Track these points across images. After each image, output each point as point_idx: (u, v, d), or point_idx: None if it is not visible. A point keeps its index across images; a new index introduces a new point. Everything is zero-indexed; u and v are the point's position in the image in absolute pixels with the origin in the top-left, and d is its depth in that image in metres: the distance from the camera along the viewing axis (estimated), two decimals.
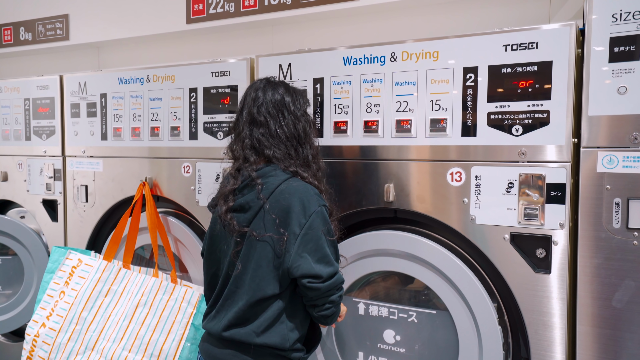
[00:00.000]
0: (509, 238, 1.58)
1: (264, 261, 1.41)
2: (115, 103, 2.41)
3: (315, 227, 1.39)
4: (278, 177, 1.45)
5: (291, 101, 1.52)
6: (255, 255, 1.42)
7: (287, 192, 1.42)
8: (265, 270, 1.41)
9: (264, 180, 1.45)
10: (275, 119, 1.49)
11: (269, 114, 1.49)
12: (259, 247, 1.42)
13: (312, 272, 1.36)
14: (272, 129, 1.48)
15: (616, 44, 1.42)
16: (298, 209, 1.39)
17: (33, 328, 2.07)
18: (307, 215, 1.39)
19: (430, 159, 1.70)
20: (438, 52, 1.67)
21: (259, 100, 1.51)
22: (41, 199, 2.67)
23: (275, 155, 1.47)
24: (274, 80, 1.58)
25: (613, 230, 1.45)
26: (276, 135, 1.48)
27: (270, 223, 1.41)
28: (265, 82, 1.56)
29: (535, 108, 1.53)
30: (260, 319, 1.42)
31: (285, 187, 1.43)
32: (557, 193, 1.51)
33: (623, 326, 1.45)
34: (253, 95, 1.53)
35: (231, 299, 1.46)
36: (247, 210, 1.46)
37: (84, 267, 2.15)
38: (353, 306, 1.89)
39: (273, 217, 1.40)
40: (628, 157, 1.42)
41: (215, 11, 2.64)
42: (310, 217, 1.39)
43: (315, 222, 1.39)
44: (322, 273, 1.37)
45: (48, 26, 3.25)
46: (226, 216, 1.47)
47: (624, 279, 1.44)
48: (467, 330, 1.65)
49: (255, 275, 1.42)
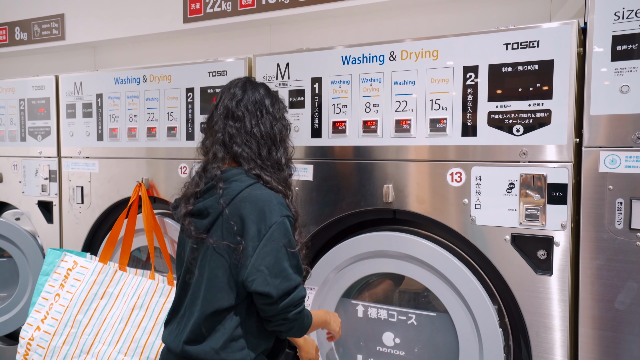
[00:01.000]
0: (509, 239, 1.56)
1: (220, 271, 1.34)
2: (112, 103, 2.39)
3: (275, 239, 1.30)
4: (241, 183, 1.37)
5: (270, 103, 1.48)
6: (212, 264, 1.35)
7: (248, 199, 1.34)
8: (222, 281, 1.33)
9: (227, 185, 1.37)
10: (252, 115, 1.43)
11: (247, 110, 1.43)
12: (215, 256, 1.35)
13: (265, 289, 1.26)
14: (248, 125, 1.42)
15: (618, 42, 1.40)
16: (258, 219, 1.31)
17: (27, 331, 2.04)
18: (268, 226, 1.30)
19: (430, 159, 1.68)
20: (438, 51, 1.65)
21: (237, 96, 1.45)
22: (36, 200, 2.64)
23: (243, 154, 1.40)
24: (255, 80, 1.54)
25: (615, 231, 1.43)
26: (251, 133, 1.42)
27: (228, 231, 1.33)
28: (245, 80, 1.51)
29: (536, 107, 1.51)
30: (218, 333, 1.33)
31: (247, 195, 1.34)
32: (559, 193, 1.50)
33: (625, 328, 1.43)
34: (232, 92, 1.47)
35: (190, 310, 1.39)
36: (205, 215, 1.38)
37: (80, 270, 2.12)
38: (352, 308, 1.86)
39: (232, 224, 1.32)
40: (630, 157, 1.40)
41: (212, 10, 2.62)
42: (270, 228, 1.30)
43: (275, 234, 1.30)
44: (275, 292, 1.26)
45: (44, 26, 3.22)
46: (184, 220, 1.40)
47: (627, 280, 1.42)
48: (467, 333, 1.63)
49: (211, 285, 1.34)
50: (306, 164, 1.89)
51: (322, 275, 1.85)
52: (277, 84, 1.94)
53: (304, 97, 1.89)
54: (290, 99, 1.92)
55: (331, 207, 1.84)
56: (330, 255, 1.84)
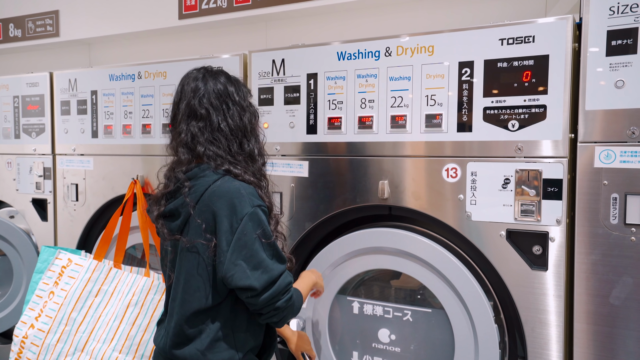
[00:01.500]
0: (505, 235, 1.56)
1: (195, 270, 1.30)
2: (106, 100, 2.38)
3: (249, 231, 1.25)
4: (208, 179, 1.32)
5: (235, 91, 1.39)
6: (187, 264, 1.32)
7: (216, 194, 1.29)
8: (199, 280, 1.30)
9: (194, 183, 1.33)
10: (218, 110, 1.35)
11: (212, 105, 1.35)
12: (190, 256, 1.31)
13: (246, 283, 1.23)
14: (215, 122, 1.34)
15: (613, 37, 1.40)
16: (228, 213, 1.27)
17: (21, 329, 2.03)
18: (239, 218, 1.26)
19: (426, 155, 1.67)
20: (433, 46, 1.65)
21: (199, 92, 1.36)
22: (31, 198, 2.62)
23: (207, 153, 1.34)
24: (213, 68, 1.44)
25: (610, 226, 1.43)
26: (218, 129, 1.35)
27: (199, 229, 1.30)
28: (203, 71, 1.42)
29: (532, 103, 1.51)
30: (203, 334, 1.30)
31: (216, 189, 1.30)
32: (554, 189, 1.49)
33: (620, 323, 1.43)
34: (193, 86, 1.38)
35: (170, 313, 1.37)
36: (177, 216, 1.34)
37: (74, 267, 2.10)
38: (348, 305, 1.86)
39: (201, 221, 1.29)
40: (625, 152, 1.40)
41: (207, 6, 2.60)
42: (242, 220, 1.26)
43: (248, 226, 1.26)
44: (257, 284, 1.23)
45: (38, 22, 3.20)
46: (157, 222, 1.37)
47: (622, 275, 1.42)
48: (463, 329, 1.63)
49: (188, 286, 1.31)
50: (302, 160, 1.88)
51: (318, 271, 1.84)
52: (272, 80, 1.94)
53: (299, 93, 1.88)
54: (285, 95, 1.91)
55: (326, 203, 1.84)
56: (326, 252, 1.83)
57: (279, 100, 1.93)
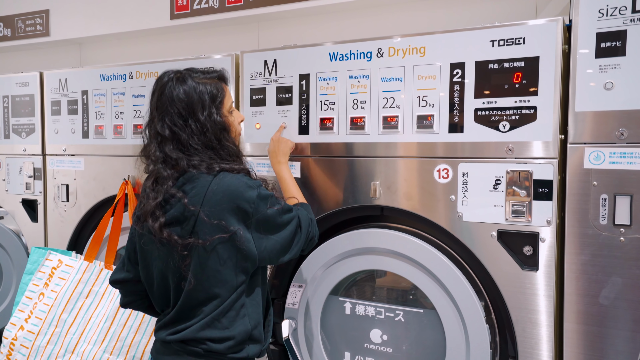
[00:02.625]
0: (496, 235, 1.57)
1: (220, 265, 1.33)
2: (97, 100, 2.36)
3: (262, 210, 1.35)
4: (204, 179, 1.34)
5: (205, 91, 1.39)
6: (210, 262, 1.33)
7: (220, 191, 1.33)
8: (225, 274, 1.34)
9: (191, 186, 1.34)
10: (183, 129, 1.36)
11: (176, 125, 1.36)
12: (212, 254, 1.32)
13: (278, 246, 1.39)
14: (184, 139, 1.36)
15: (602, 39, 1.41)
16: (239, 203, 1.32)
17: (11, 331, 2.01)
18: (251, 205, 1.34)
19: (417, 155, 1.68)
20: (425, 47, 1.65)
21: (163, 107, 1.37)
22: (20, 198, 2.60)
23: (192, 164, 1.36)
24: (180, 73, 1.42)
25: (600, 227, 1.44)
26: (189, 146, 1.36)
27: (213, 228, 1.31)
28: (172, 75, 1.41)
29: (522, 104, 1.52)
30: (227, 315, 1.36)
31: (217, 187, 1.33)
32: (544, 189, 1.51)
33: (609, 323, 1.45)
34: (156, 97, 1.40)
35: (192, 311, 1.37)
36: (184, 221, 1.34)
37: (64, 268, 2.09)
38: (340, 305, 1.86)
39: (212, 220, 1.31)
40: (614, 153, 1.42)
41: (199, 7, 2.60)
42: (253, 204, 1.34)
43: (261, 206, 1.35)
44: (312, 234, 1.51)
45: (28, 22, 3.18)
46: (162, 233, 1.33)
47: (611, 275, 1.44)
48: (454, 329, 1.64)
49: (214, 281, 1.34)
50: (294, 160, 1.88)
51: (310, 272, 1.85)
52: (264, 80, 1.93)
53: (291, 93, 1.88)
54: (277, 96, 1.91)
55: (318, 204, 1.84)
56: (318, 253, 1.83)
57: (271, 101, 1.92)
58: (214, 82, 1.44)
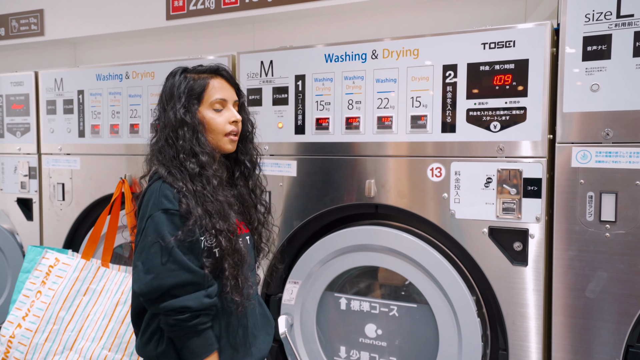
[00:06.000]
0: (487, 232, 1.62)
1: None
2: (93, 100, 2.38)
3: (149, 233, 1.23)
4: (149, 183, 1.35)
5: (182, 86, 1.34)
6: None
7: (145, 197, 1.32)
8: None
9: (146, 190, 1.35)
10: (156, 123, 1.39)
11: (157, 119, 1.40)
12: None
13: (135, 286, 1.25)
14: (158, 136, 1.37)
15: (589, 43, 1.47)
16: (142, 214, 1.28)
17: (8, 329, 2.02)
18: (145, 220, 1.26)
19: (411, 154, 1.72)
20: (418, 49, 1.70)
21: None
22: (15, 197, 2.60)
23: (153, 162, 1.36)
24: (178, 69, 1.40)
25: (586, 223, 1.50)
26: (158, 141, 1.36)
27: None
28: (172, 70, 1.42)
29: (513, 105, 1.57)
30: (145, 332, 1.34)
31: (146, 192, 1.32)
32: (534, 187, 1.56)
33: (596, 316, 1.50)
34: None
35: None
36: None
37: (62, 266, 2.10)
38: (335, 301, 1.90)
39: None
40: (600, 152, 1.47)
41: (195, 8, 2.62)
42: (146, 222, 1.25)
43: (150, 229, 1.23)
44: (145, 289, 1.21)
45: (22, 21, 3.17)
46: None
47: (597, 270, 1.49)
48: (447, 323, 1.68)
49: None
50: (290, 160, 1.92)
51: (306, 269, 1.88)
52: (260, 81, 1.97)
53: (287, 94, 1.92)
54: (274, 96, 1.94)
55: (314, 202, 1.87)
56: (314, 250, 1.87)
57: (267, 101, 1.96)
58: (202, 77, 1.35)
